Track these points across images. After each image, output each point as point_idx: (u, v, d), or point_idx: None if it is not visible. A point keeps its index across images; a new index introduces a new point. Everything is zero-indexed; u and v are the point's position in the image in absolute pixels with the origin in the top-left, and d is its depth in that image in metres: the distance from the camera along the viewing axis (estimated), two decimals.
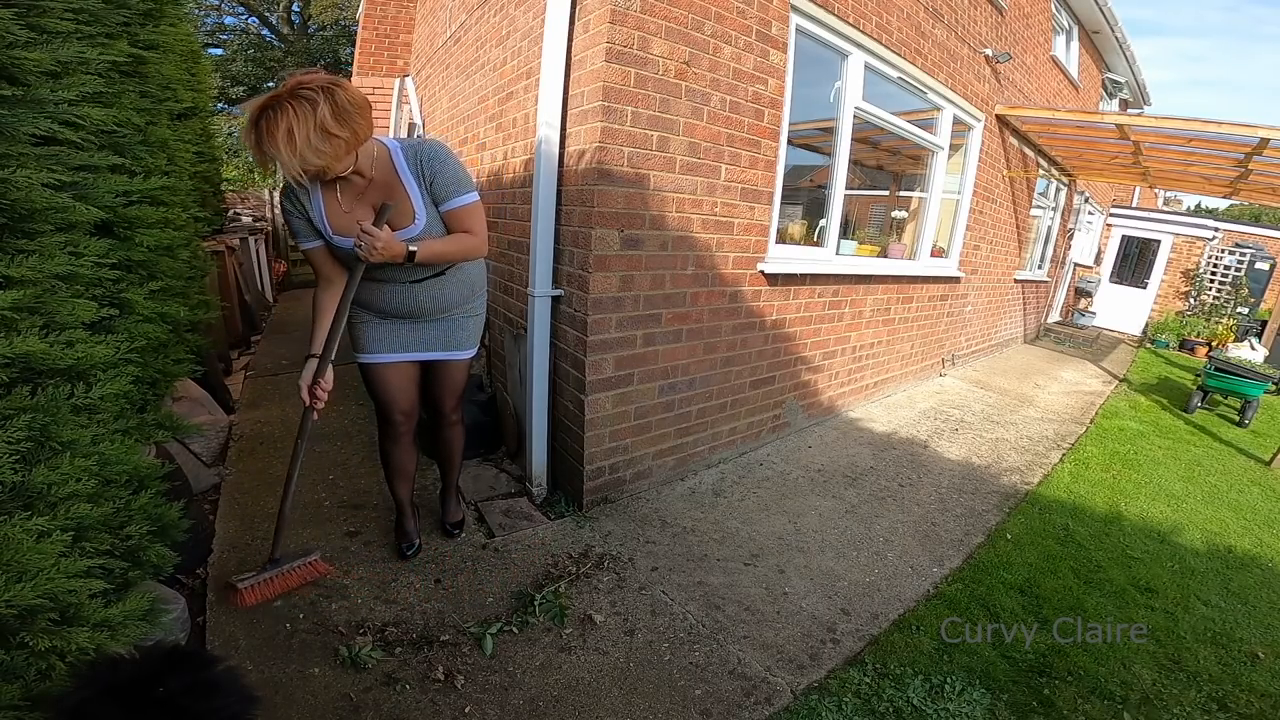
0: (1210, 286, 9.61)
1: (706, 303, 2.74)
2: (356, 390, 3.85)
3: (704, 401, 2.88)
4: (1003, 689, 1.72)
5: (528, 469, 2.63)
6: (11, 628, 0.93)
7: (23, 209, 1.02)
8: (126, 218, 1.50)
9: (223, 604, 1.76)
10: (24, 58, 1.02)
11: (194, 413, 2.66)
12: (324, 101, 1.38)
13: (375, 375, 1.89)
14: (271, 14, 14.21)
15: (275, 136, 1.35)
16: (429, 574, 2.02)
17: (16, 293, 0.98)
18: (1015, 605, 2.12)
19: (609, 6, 2.09)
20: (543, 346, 2.52)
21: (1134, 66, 8.07)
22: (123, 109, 1.47)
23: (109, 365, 1.26)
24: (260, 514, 2.30)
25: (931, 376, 5.20)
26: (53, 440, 1.06)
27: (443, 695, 1.54)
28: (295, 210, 1.64)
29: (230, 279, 4.08)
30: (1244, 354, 5.24)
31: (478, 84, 3.44)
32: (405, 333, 1.87)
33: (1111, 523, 2.86)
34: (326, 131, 1.39)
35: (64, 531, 1.02)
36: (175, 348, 2.02)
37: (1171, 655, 1.94)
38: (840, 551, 2.38)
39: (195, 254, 2.53)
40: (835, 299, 3.60)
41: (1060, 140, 5.80)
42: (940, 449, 3.58)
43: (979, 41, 4.49)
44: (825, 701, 1.62)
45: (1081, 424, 4.41)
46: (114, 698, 0.69)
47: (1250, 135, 4.03)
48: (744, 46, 2.58)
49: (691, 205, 2.54)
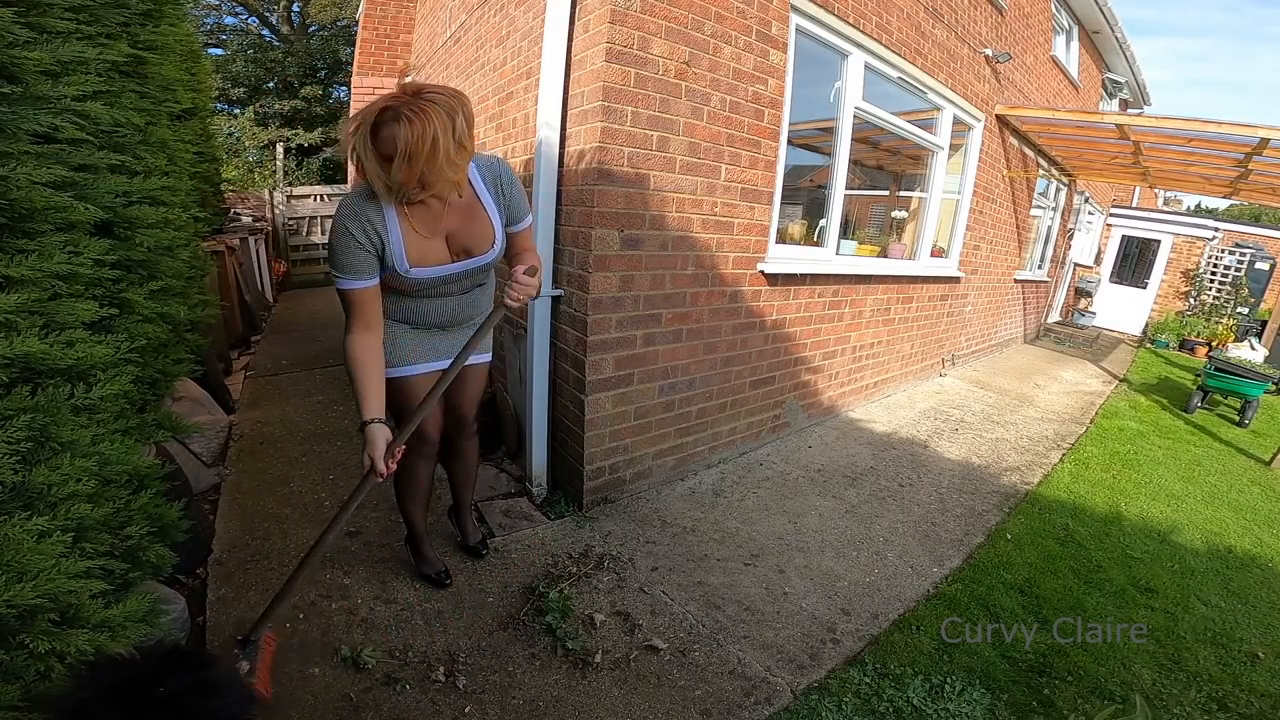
0: (1210, 286, 9.62)
1: (706, 303, 2.74)
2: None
3: (704, 401, 2.88)
4: (1003, 689, 1.72)
5: (528, 469, 2.63)
6: (11, 628, 0.93)
7: (23, 208, 1.02)
8: (126, 218, 1.50)
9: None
10: (24, 57, 1.02)
11: (194, 413, 2.66)
12: (460, 112, 1.30)
13: (411, 388, 1.72)
14: (271, 14, 14.20)
15: (421, 145, 1.24)
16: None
17: (17, 293, 0.98)
18: (1015, 605, 2.12)
19: (609, 6, 2.09)
20: (543, 346, 2.52)
21: (1134, 66, 8.07)
22: (123, 109, 1.47)
23: (109, 365, 1.26)
24: (260, 514, 2.30)
25: (931, 376, 5.20)
26: (53, 440, 1.06)
27: (443, 695, 1.54)
28: (365, 242, 1.42)
29: (230, 279, 4.08)
30: (1244, 354, 5.24)
31: (478, 84, 3.44)
32: (437, 341, 1.74)
33: (1111, 523, 2.86)
34: (461, 145, 1.31)
35: (64, 532, 1.02)
36: (175, 348, 2.02)
37: (1171, 655, 1.94)
38: (840, 551, 2.38)
39: (195, 254, 2.53)
40: (835, 299, 3.60)
41: (1060, 140, 5.80)
42: (940, 449, 3.58)
43: (979, 41, 4.49)
44: (825, 701, 1.62)
45: (1081, 424, 4.41)
46: (114, 698, 0.69)
47: (1250, 135, 4.03)
48: (744, 46, 2.58)
49: (691, 205, 2.54)
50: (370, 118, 1.27)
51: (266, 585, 1.89)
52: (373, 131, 1.27)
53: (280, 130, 12.34)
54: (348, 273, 1.43)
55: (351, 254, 1.42)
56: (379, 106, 1.27)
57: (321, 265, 8.50)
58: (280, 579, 1.93)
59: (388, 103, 1.27)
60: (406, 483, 1.86)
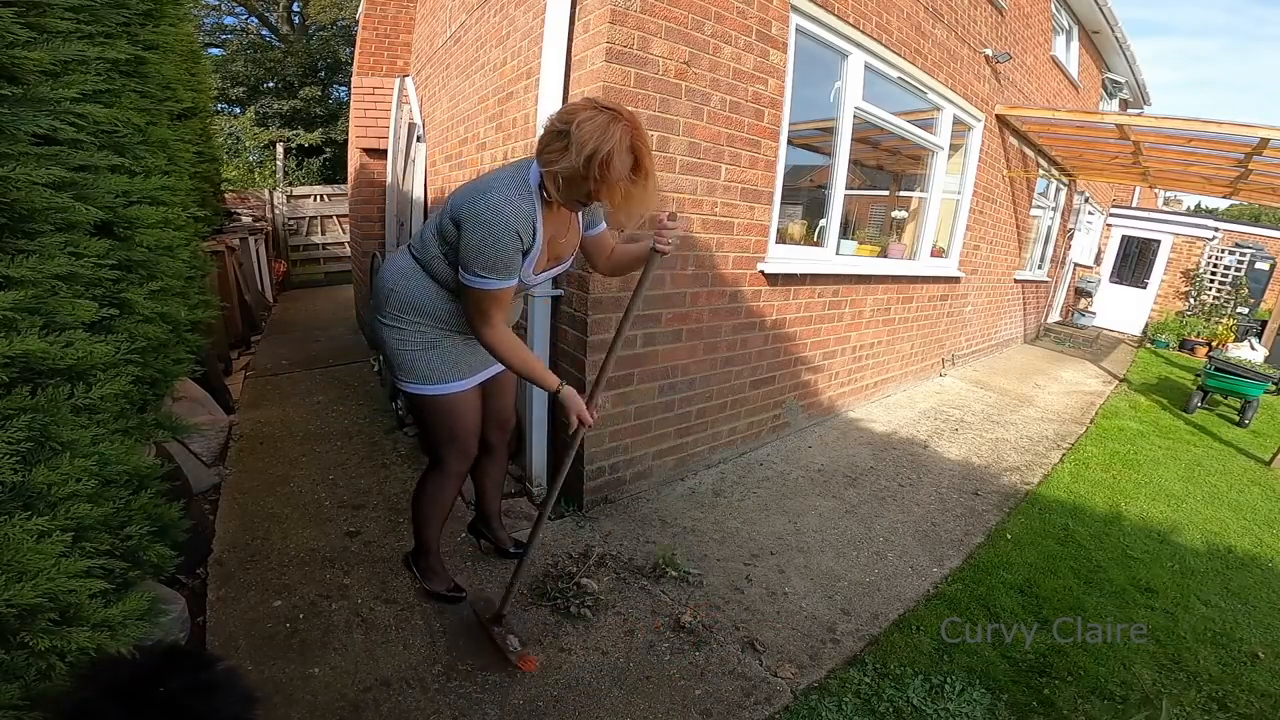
0: (1210, 286, 9.61)
1: (706, 303, 2.74)
2: (356, 390, 3.85)
3: (704, 401, 2.88)
4: (1003, 689, 1.72)
5: (527, 469, 2.63)
6: (11, 628, 0.92)
7: (23, 209, 1.02)
8: (126, 218, 1.50)
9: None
10: (24, 57, 1.02)
11: (194, 413, 2.66)
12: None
13: (463, 404, 1.65)
14: (271, 14, 14.21)
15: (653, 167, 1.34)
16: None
17: (17, 293, 0.98)
18: (1015, 605, 2.12)
19: (609, 6, 2.09)
20: (543, 347, 2.52)
21: (1134, 66, 8.07)
22: (123, 109, 1.47)
23: (109, 365, 1.26)
24: (260, 514, 2.30)
25: (931, 376, 5.20)
26: (53, 440, 1.06)
27: (442, 695, 1.54)
28: (522, 243, 1.41)
29: (230, 279, 4.08)
30: (1244, 354, 5.24)
31: (478, 84, 3.44)
32: (482, 351, 1.61)
33: (1111, 523, 2.86)
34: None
35: (64, 531, 1.02)
36: (175, 348, 2.01)
37: (1171, 655, 1.94)
38: (840, 551, 2.38)
39: (195, 254, 2.53)
40: (835, 299, 3.60)
41: (1060, 140, 5.80)
42: (940, 449, 3.58)
43: (979, 41, 4.48)
44: (825, 701, 1.62)
45: (1081, 424, 4.41)
46: (114, 698, 0.69)
47: (1250, 135, 4.03)
48: (744, 46, 2.58)
49: (691, 205, 2.54)
50: (623, 133, 1.28)
51: (266, 585, 1.90)
52: (637, 159, 1.31)
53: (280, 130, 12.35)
54: (499, 273, 1.39)
55: (510, 255, 1.38)
56: (632, 132, 1.30)
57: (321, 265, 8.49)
58: (280, 579, 1.94)
59: (628, 125, 1.30)
60: (432, 507, 1.79)
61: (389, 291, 1.58)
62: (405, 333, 1.58)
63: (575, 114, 1.28)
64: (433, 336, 1.59)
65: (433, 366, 1.59)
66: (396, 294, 1.56)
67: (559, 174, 1.32)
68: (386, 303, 1.58)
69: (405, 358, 1.59)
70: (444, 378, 1.61)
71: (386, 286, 1.58)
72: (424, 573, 1.90)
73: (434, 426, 1.69)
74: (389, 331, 1.59)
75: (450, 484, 1.76)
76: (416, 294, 1.55)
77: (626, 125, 1.29)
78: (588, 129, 1.25)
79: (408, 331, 1.58)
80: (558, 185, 1.35)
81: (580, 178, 1.30)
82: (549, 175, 1.35)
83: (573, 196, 1.37)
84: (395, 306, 1.57)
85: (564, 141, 1.28)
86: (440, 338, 1.59)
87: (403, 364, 1.60)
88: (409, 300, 1.56)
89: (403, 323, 1.57)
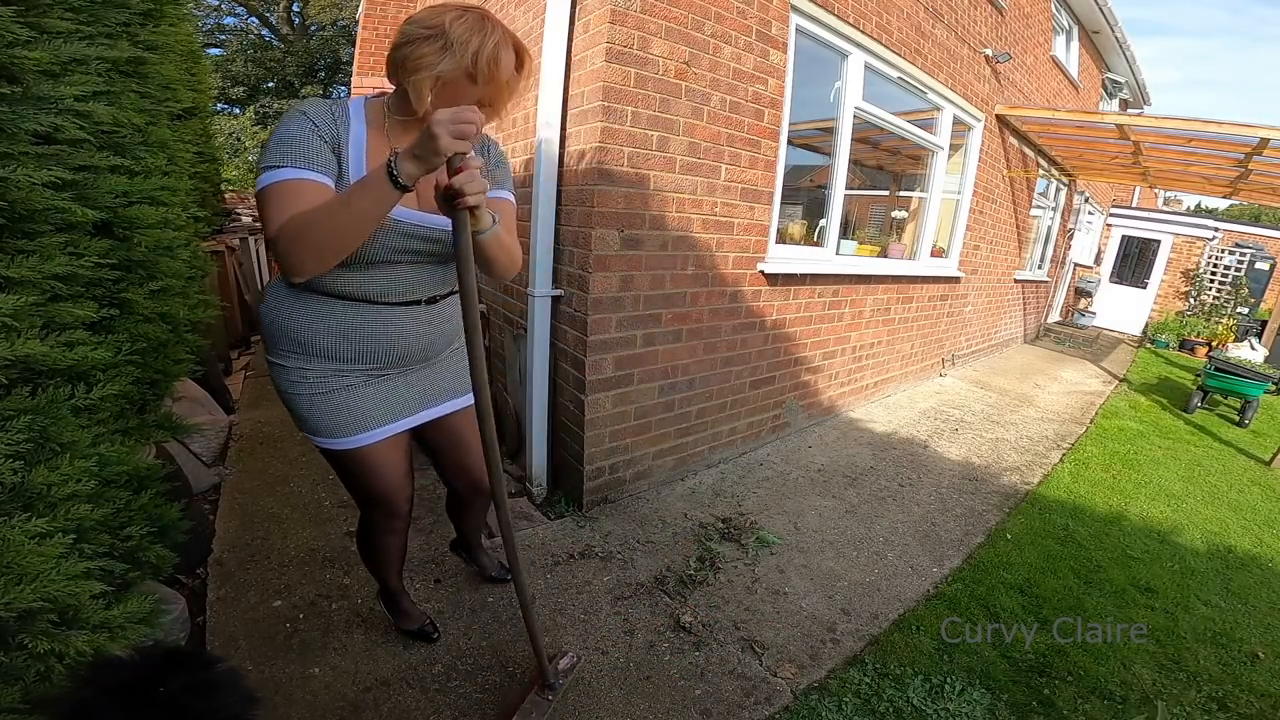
0: (1210, 286, 9.62)
1: (706, 303, 2.74)
2: None
3: (704, 401, 2.88)
4: (1003, 689, 1.72)
5: (527, 469, 2.63)
6: (11, 630, 0.92)
7: (22, 209, 1.02)
8: (126, 218, 1.49)
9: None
10: (24, 57, 1.02)
11: (194, 413, 2.66)
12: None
13: (373, 460, 1.34)
14: (271, 14, 14.22)
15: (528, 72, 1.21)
16: (429, 574, 2.02)
17: (16, 294, 0.98)
18: (1015, 605, 2.12)
19: (609, 6, 2.09)
20: (543, 346, 2.52)
21: (1134, 66, 8.07)
22: (123, 109, 1.46)
23: (109, 366, 1.26)
24: (260, 514, 2.30)
25: (931, 376, 5.20)
26: (52, 441, 1.06)
27: (442, 695, 1.54)
28: (317, 131, 1.11)
29: (230, 279, 4.08)
30: (1244, 354, 5.24)
31: None
32: (401, 390, 1.35)
33: (1111, 523, 2.86)
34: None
35: (64, 533, 1.01)
36: (175, 348, 2.01)
37: (1171, 655, 1.94)
38: (840, 551, 2.38)
39: (195, 254, 2.53)
40: (835, 299, 3.60)
41: (1060, 140, 5.80)
42: (940, 449, 3.58)
43: (979, 41, 4.48)
44: (825, 701, 1.62)
45: (1081, 424, 4.41)
46: (113, 698, 0.69)
47: (1250, 135, 4.03)
48: (744, 46, 2.58)
49: (691, 205, 2.54)
50: (500, 28, 1.14)
51: (266, 585, 1.90)
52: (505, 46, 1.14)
53: None
54: (280, 158, 1.05)
55: (296, 135, 1.07)
56: (497, 19, 1.14)
57: None
58: (280, 579, 1.93)
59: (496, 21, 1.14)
60: (378, 555, 1.57)
61: (269, 322, 1.26)
62: (290, 373, 1.26)
63: (442, 15, 1.12)
64: (321, 378, 1.26)
65: (327, 417, 1.27)
66: (277, 323, 1.24)
67: (439, 77, 1.11)
68: (267, 336, 1.28)
69: (295, 404, 1.28)
70: (340, 430, 1.28)
71: (268, 317, 1.26)
72: (392, 613, 1.74)
73: (348, 486, 1.42)
74: (275, 371, 1.28)
75: (388, 539, 1.53)
76: (290, 318, 1.22)
77: (495, 21, 1.15)
78: (464, 26, 1.10)
79: (292, 372, 1.25)
80: (423, 96, 1.11)
81: (467, 79, 1.12)
82: (414, 86, 1.11)
83: (449, 105, 1.03)
84: (274, 338, 1.26)
85: (439, 43, 1.09)
86: (331, 378, 1.26)
87: (295, 411, 1.29)
88: (284, 327, 1.23)
89: (287, 360, 1.25)
